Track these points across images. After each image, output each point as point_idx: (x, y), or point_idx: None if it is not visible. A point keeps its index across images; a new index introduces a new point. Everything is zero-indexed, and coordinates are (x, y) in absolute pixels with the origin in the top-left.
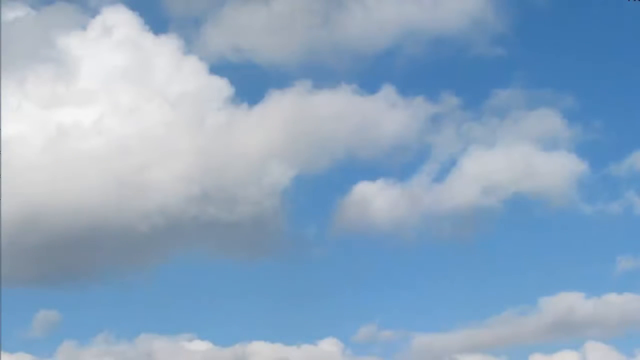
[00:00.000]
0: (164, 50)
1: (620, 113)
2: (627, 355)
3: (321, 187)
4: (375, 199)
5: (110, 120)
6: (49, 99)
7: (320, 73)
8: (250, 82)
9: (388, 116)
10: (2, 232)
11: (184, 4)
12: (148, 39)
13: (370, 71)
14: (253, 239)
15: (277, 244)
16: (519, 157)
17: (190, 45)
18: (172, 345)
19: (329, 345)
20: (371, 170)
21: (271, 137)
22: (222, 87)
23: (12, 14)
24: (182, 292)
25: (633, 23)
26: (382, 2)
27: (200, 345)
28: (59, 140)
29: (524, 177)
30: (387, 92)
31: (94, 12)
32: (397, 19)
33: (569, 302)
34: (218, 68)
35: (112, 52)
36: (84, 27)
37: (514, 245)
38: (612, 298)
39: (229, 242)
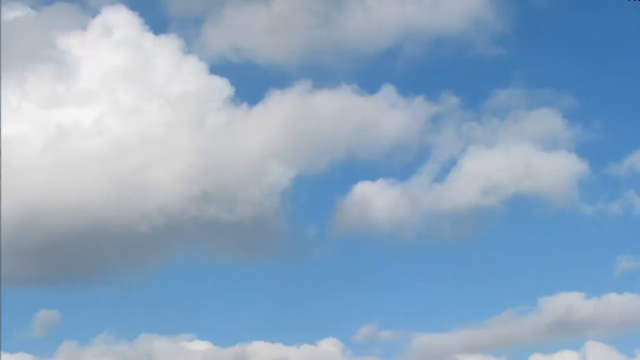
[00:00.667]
0: (164, 50)
1: (620, 113)
2: (627, 355)
3: (321, 187)
4: (375, 199)
5: (110, 120)
6: (49, 99)
7: (320, 73)
8: (250, 82)
9: (388, 116)
10: (2, 232)
11: (184, 4)
12: (148, 39)
13: (370, 71)
14: (253, 239)
15: (277, 244)
16: (519, 157)
17: (190, 45)
18: (172, 345)
19: (329, 345)
20: (371, 170)
21: (271, 137)
22: (222, 87)
23: (12, 14)
24: (182, 292)
25: (633, 23)
26: (382, 2)
27: (200, 345)
28: (59, 140)
29: (524, 177)
30: (387, 92)
31: (94, 12)
32: (397, 19)
33: (569, 302)
34: (218, 68)
35: (112, 52)
36: (84, 27)
37: (514, 245)
38: (612, 298)
39: (229, 242)
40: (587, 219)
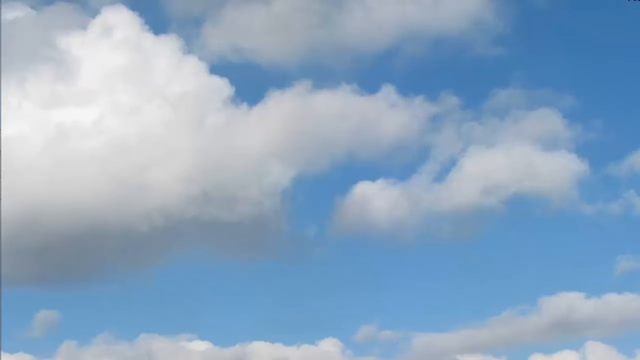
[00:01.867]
0: (164, 50)
1: (620, 113)
2: (627, 355)
3: (321, 187)
4: (375, 199)
5: (110, 120)
6: (49, 99)
7: (320, 73)
8: (250, 82)
9: (388, 116)
10: (2, 232)
11: (184, 4)
12: (148, 39)
13: (370, 71)
14: (253, 239)
15: (277, 244)
16: (519, 157)
17: (190, 45)
18: (172, 345)
19: (329, 345)
20: (371, 170)
21: (271, 137)
22: (222, 87)
23: (12, 14)
24: (182, 292)
25: (633, 23)
26: (382, 2)
27: (200, 345)
28: (59, 140)
29: (524, 177)
30: (387, 92)
31: (94, 12)
32: (397, 19)
33: (569, 302)
34: (218, 68)
35: (112, 52)
36: (84, 27)
37: (514, 245)
38: (612, 298)
39: (229, 242)
40: (587, 219)
